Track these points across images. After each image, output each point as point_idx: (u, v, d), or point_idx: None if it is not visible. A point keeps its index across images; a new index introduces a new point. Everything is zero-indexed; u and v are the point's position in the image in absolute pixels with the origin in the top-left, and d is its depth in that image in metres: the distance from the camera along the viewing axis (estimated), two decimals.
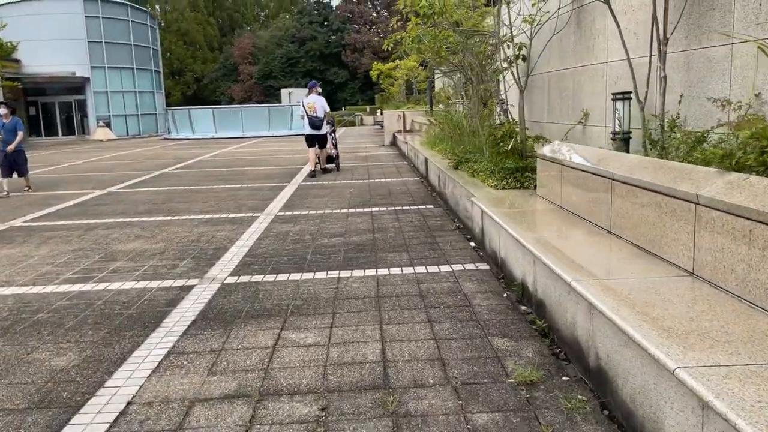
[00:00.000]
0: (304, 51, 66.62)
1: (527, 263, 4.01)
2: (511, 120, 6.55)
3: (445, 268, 4.96)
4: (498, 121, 8.06)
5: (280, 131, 29.80)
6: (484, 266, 4.99)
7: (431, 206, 8.00)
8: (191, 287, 4.73)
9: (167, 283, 4.88)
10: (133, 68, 37.02)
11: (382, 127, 31.19)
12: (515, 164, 6.12)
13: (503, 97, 7.82)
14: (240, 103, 60.70)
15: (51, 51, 33.23)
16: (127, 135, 36.24)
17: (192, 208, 8.49)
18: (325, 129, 12.04)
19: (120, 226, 7.34)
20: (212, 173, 13.11)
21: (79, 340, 3.71)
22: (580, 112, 6.23)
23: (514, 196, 5.74)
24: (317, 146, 11.98)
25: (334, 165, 12.69)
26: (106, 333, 3.81)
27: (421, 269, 4.97)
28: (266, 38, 70.27)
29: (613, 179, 3.90)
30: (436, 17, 6.62)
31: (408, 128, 19.45)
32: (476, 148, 8.82)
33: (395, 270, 4.97)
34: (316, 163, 12.10)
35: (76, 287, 4.84)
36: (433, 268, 4.98)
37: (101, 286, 4.84)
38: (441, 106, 22.48)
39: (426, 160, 10.42)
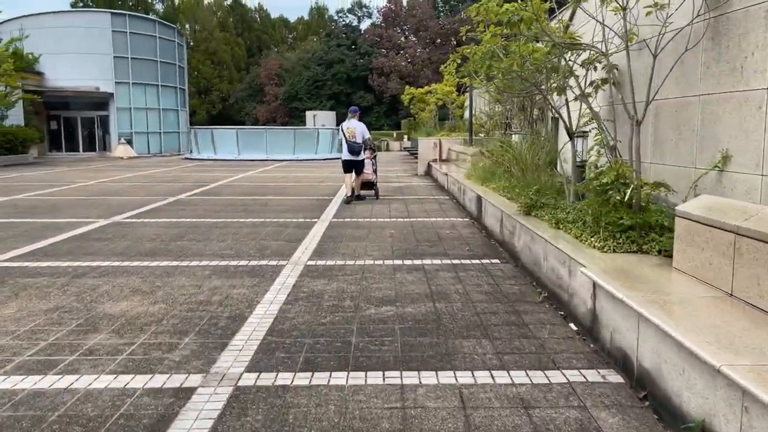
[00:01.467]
0: (330, 74, 66.01)
1: (725, 401, 2.49)
2: (618, 160, 5.05)
3: (555, 377, 3.45)
4: (580, 159, 6.58)
5: (305, 155, 28.59)
6: (613, 375, 3.47)
7: (497, 261, 6.50)
8: (191, 392, 3.28)
9: (158, 380, 3.43)
10: (157, 85, 36.24)
11: (411, 153, 29.90)
12: (631, 220, 4.61)
13: (598, 126, 6.34)
14: (264, 124, 60.11)
15: (75, 65, 32.56)
16: (149, 153, 35.34)
17: (205, 250, 7.09)
18: (363, 155, 11.86)
19: (115, 273, 5.95)
20: (233, 202, 11.76)
21: None
22: (713, 154, 4.73)
23: (639, 267, 4.22)
24: (354, 172, 11.76)
25: (372, 191, 12.26)
26: None
27: (519, 375, 3.47)
28: (293, 60, 69.91)
29: None
30: (524, 26, 5.19)
31: (444, 157, 18.04)
32: (550, 188, 7.35)
33: (482, 375, 3.47)
34: (352, 190, 11.78)
35: (30, 381, 3.42)
36: (537, 375, 3.47)
37: (65, 382, 3.41)
38: (481, 135, 21.09)
39: (479, 198, 8.94)
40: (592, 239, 4.91)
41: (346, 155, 11.75)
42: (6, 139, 23.27)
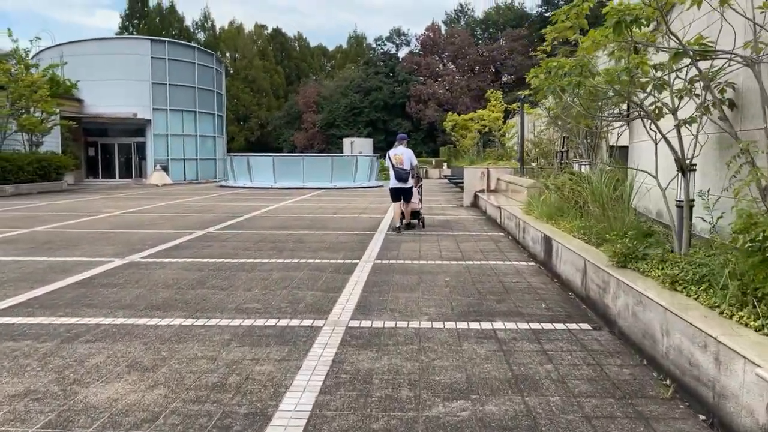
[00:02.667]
0: (368, 101, 65.62)
1: None
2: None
3: None
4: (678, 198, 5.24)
5: (343, 183, 27.64)
6: None
7: (587, 327, 5.18)
8: None
9: None
10: (195, 111, 35.99)
11: (452, 181, 28.65)
12: None
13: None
14: (302, 151, 59.81)
15: (113, 91, 32.50)
16: (184, 180, 34.93)
17: (228, 302, 5.95)
18: (411, 182, 11.56)
19: (115, 336, 4.84)
20: (265, 237, 10.68)
21: None
22: None
23: None
24: (403, 200, 11.49)
25: (417, 221, 11.99)
26: None
27: None
28: (331, 87, 69.86)
29: None
30: (636, 29, 3.95)
31: (492, 187, 16.76)
32: (638, 231, 6.03)
33: None
34: (401, 218, 11.49)
35: None
36: None
37: None
38: (533, 164, 19.78)
39: (547, 239, 7.64)
40: (741, 313, 3.58)
41: (393, 183, 11.50)
42: (40, 166, 22.87)
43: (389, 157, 11.46)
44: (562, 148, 15.67)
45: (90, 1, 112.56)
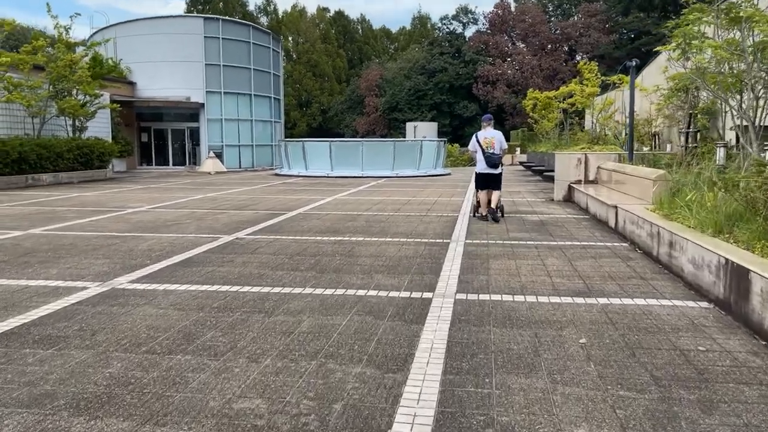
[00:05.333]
0: (432, 83, 62.51)
1: None
2: None
3: None
4: None
5: (406, 171, 24.94)
6: None
7: None
8: None
9: None
10: (250, 94, 33.99)
11: (531, 169, 25.45)
12: None
13: None
14: (363, 136, 57.43)
15: (166, 73, 30.87)
16: (239, 167, 33.09)
17: (207, 400, 3.39)
18: (501, 168, 10.75)
19: None
20: (305, 248, 8.14)
21: None
22: None
23: None
24: (489, 188, 10.58)
25: (497, 209, 10.68)
26: None
27: None
28: (394, 70, 67.07)
29: None
30: None
31: (591, 178, 13.68)
32: None
33: None
34: (488, 209, 10.59)
35: None
36: None
37: None
38: (646, 149, 16.56)
39: (739, 271, 4.72)
40: None
41: (482, 168, 10.57)
42: (81, 153, 21.17)
43: (478, 141, 10.53)
44: (688, 128, 12.47)
45: None
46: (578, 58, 62.73)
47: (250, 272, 6.56)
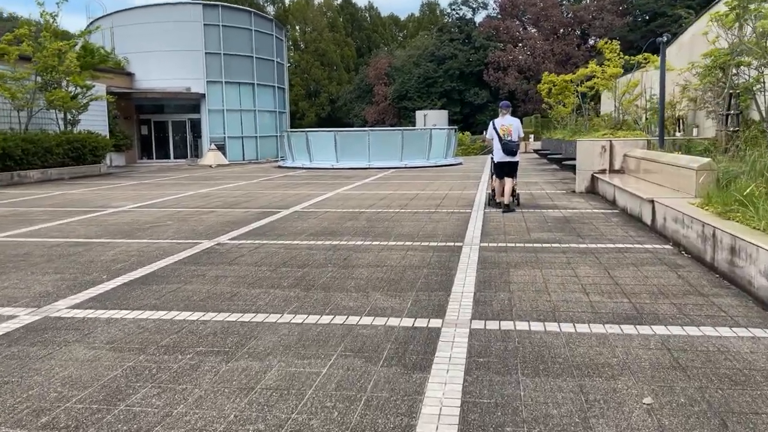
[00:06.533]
0: (442, 70, 60.99)
1: None
2: None
3: None
4: None
5: (415, 161, 23.70)
6: None
7: None
8: None
9: None
10: (253, 84, 32.79)
11: (546, 157, 24.12)
12: None
13: None
14: (373, 126, 56.10)
15: (164, 63, 29.74)
16: (243, 160, 31.97)
17: None
18: (519, 156, 10.65)
19: None
20: (293, 255, 7.00)
21: None
22: None
23: None
24: (506, 177, 10.27)
25: (513, 198, 10.43)
26: None
27: None
28: (403, 58, 65.54)
29: None
30: None
31: (617, 167, 12.41)
32: None
33: None
34: (502, 197, 10.27)
35: None
36: None
37: None
38: (679, 134, 15.24)
39: None
40: None
41: (500, 156, 10.38)
42: (72, 148, 20.09)
43: (494, 128, 10.34)
44: (728, 109, 11.15)
45: None
46: (591, 41, 60.87)
47: (221, 291, 5.42)
